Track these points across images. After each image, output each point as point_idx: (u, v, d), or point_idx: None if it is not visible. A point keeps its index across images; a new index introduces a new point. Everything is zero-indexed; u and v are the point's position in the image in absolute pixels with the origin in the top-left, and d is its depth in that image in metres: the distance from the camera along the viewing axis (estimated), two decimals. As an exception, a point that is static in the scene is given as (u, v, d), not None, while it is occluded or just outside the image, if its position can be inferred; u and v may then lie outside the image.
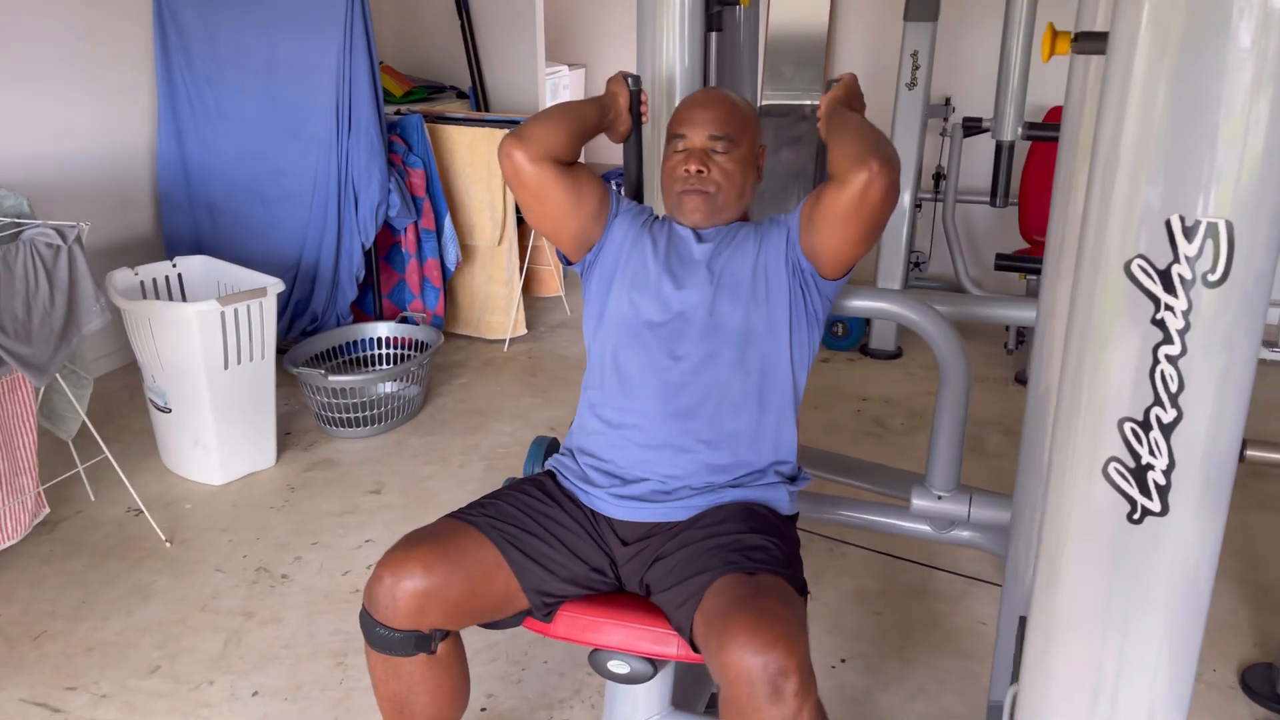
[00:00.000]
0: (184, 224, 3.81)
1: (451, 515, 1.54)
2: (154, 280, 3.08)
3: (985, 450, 3.16)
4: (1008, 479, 2.96)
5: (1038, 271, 3.36)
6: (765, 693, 1.23)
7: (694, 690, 1.80)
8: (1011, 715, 1.25)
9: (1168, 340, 0.83)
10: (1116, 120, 0.85)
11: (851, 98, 1.66)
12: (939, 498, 1.94)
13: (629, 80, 1.79)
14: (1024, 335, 3.93)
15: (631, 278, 1.65)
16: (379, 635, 1.44)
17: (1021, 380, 3.71)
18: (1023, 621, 1.39)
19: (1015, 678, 1.30)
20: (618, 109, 1.77)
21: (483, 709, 2.03)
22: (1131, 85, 0.83)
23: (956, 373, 1.84)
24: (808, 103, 4.76)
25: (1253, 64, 0.77)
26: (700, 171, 1.62)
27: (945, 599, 2.40)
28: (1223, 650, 2.19)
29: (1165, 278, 0.82)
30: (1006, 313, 3.15)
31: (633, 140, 1.86)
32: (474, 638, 1.93)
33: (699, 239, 1.67)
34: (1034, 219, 4.06)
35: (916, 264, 4.54)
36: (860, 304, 1.85)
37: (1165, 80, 0.81)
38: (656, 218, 1.74)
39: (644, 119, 1.84)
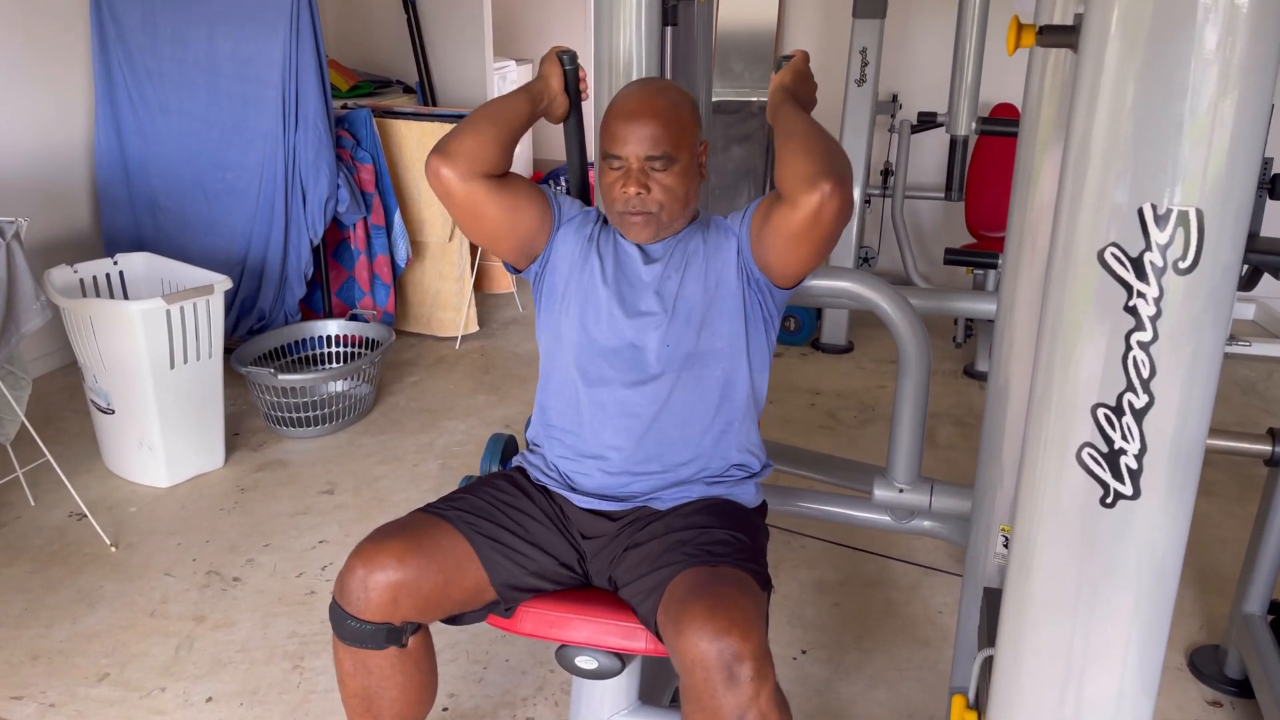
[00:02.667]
0: (124, 221, 3.71)
1: (422, 509, 1.53)
2: (94, 278, 2.99)
3: (937, 442, 3.21)
4: (960, 470, 3.01)
5: (987, 266, 3.43)
6: (721, 678, 1.24)
7: (659, 684, 1.80)
8: (979, 680, 1.26)
9: (1140, 327, 0.85)
10: (1088, 112, 0.86)
11: (800, 84, 1.58)
12: (900, 489, 1.96)
13: (563, 58, 1.66)
14: (972, 329, 4.00)
15: (583, 303, 1.59)
16: (350, 628, 1.42)
17: (970, 373, 3.78)
18: (988, 593, 1.41)
19: (984, 644, 1.32)
20: (551, 92, 1.65)
21: (445, 709, 2.00)
22: (1103, 78, 0.84)
23: (917, 357, 1.86)
24: (757, 99, 4.79)
25: (1220, 56, 0.79)
26: (640, 193, 1.51)
27: (902, 588, 2.43)
28: (1171, 633, 2.23)
29: (1138, 265, 0.84)
30: (965, 305, 3.20)
31: (573, 121, 1.74)
32: (435, 637, 1.91)
33: (647, 257, 1.60)
34: (981, 214, 4.13)
35: (865, 259, 4.58)
36: (825, 284, 1.85)
37: (1136, 72, 0.82)
38: (602, 223, 1.65)
39: (584, 95, 1.70)
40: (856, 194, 3.92)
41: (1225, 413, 3.43)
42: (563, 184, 6.35)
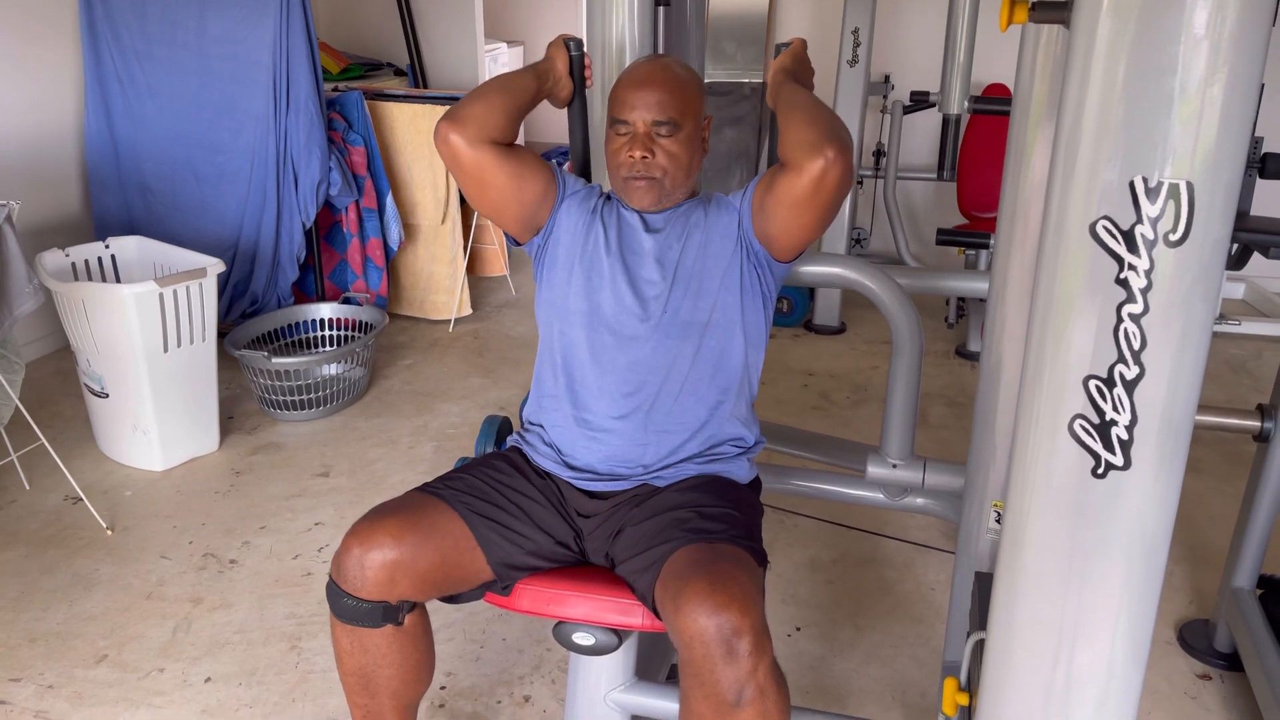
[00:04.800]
0: (114, 204, 3.69)
1: (418, 489, 1.54)
2: (85, 262, 2.98)
3: (929, 421, 3.22)
4: (952, 449, 3.03)
5: (979, 246, 3.44)
6: (720, 653, 1.26)
7: (656, 660, 1.82)
8: (971, 662, 1.29)
9: (1131, 299, 0.86)
10: (1080, 86, 0.87)
11: (799, 67, 1.63)
12: (894, 466, 1.98)
13: (569, 45, 1.71)
14: (964, 309, 4.01)
15: (586, 272, 1.61)
16: (347, 606, 1.43)
17: (962, 353, 3.79)
18: (979, 576, 1.43)
19: (975, 628, 1.34)
20: (556, 74, 1.70)
21: (442, 687, 2.02)
22: (1095, 52, 0.85)
23: (910, 338, 1.87)
24: (749, 81, 4.78)
25: (1211, 30, 0.80)
26: (645, 157, 1.56)
27: (894, 566, 2.45)
28: (1161, 607, 2.25)
29: (1129, 238, 0.85)
30: (957, 284, 3.21)
31: (577, 106, 1.78)
32: (432, 617, 1.93)
33: (648, 227, 1.62)
34: (973, 195, 4.13)
35: (858, 240, 4.60)
36: (816, 269, 1.86)
37: (1127, 47, 0.83)
38: (606, 197, 1.69)
39: (588, 82, 1.76)
40: (849, 175, 3.93)
41: (1215, 391, 3.46)
42: (554, 163, 6.34)
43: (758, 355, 1.64)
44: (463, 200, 3.97)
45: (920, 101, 3.83)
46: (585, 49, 1.75)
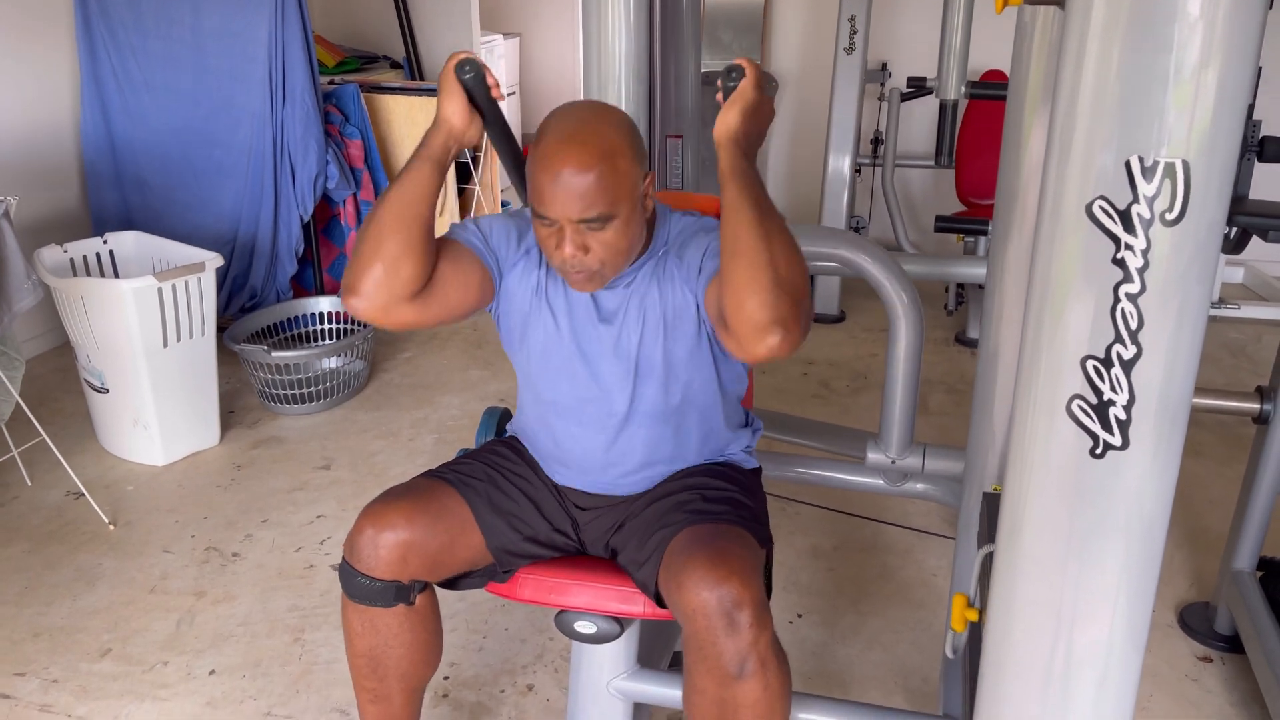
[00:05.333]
0: (112, 199, 3.69)
1: (425, 474, 1.56)
2: (84, 257, 2.98)
3: (929, 408, 3.23)
4: (952, 436, 3.03)
5: (978, 232, 3.44)
6: (722, 625, 1.28)
7: (658, 648, 1.82)
8: (980, 577, 1.26)
9: (1128, 279, 0.86)
10: (1076, 66, 0.87)
11: (752, 122, 1.31)
12: (893, 451, 1.98)
13: (459, 72, 1.37)
14: (963, 296, 4.01)
15: (544, 359, 1.50)
16: (360, 585, 1.44)
17: (962, 340, 3.79)
18: (987, 497, 1.40)
19: (984, 541, 1.31)
20: (455, 131, 1.39)
21: (445, 677, 2.02)
22: (1090, 31, 0.85)
23: (909, 319, 1.87)
24: (746, 70, 4.76)
25: (1206, 9, 0.80)
26: (577, 254, 1.34)
27: (896, 553, 2.45)
28: (1161, 591, 2.26)
29: (1125, 218, 0.85)
30: (956, 270, 3.21)
31: (494, 131, 1.49)
32: (434, 607, 1.94)
33: (600, 313, 1.46)
34: (971, 181, 4.13)
35: (856, 229, 4.59)
36: (816, 249, 1.86)
37: (1122, 25, 0.83)
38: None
39: (499, 98, 1.42)
40: (845, 164, 3.93)
41: (1215, 375, 3.46)
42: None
43: (740, 388, 1.58)
44: (460, 192, 3.97)
45: (917, 87, 3.82)
46: (479, 60, 1.39)
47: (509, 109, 6.35)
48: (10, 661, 2.07)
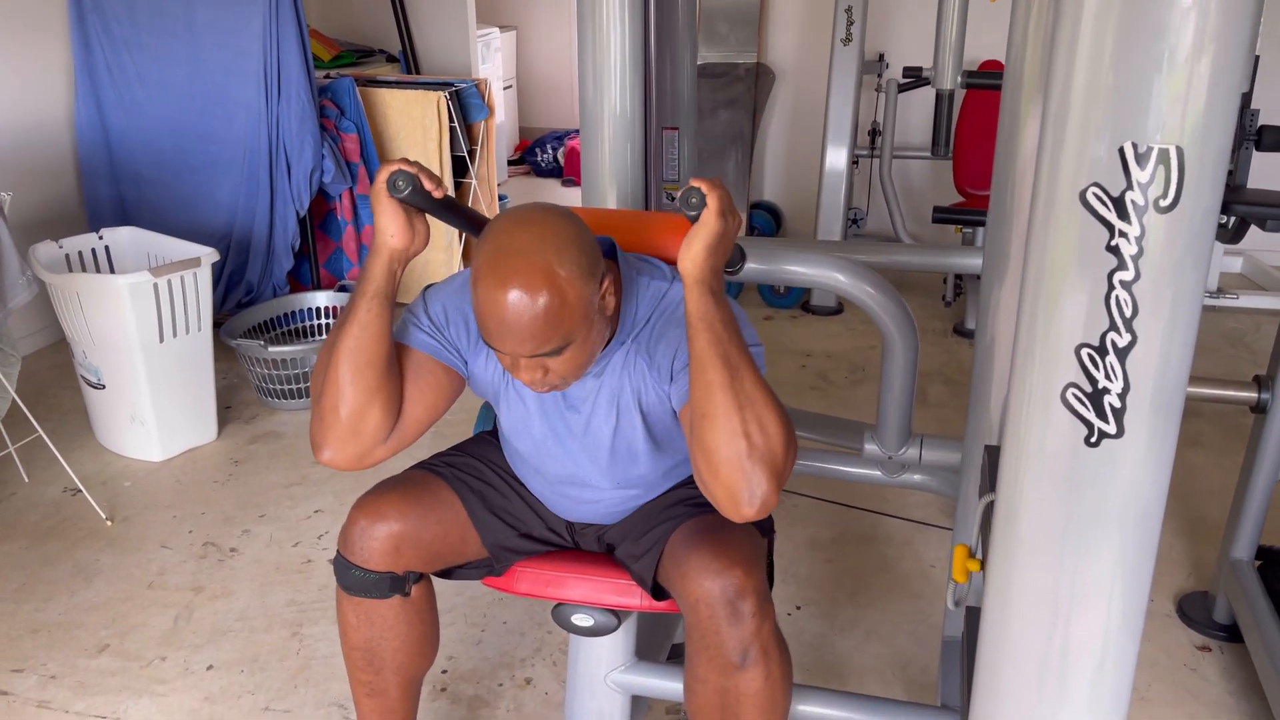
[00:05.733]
0: (107, 195, 3.68)
1: (417, 466, 1.56)
2: (79, 253, 2.97)
3: (928, 400, 3.22)
4: (951, 426, 3.03)
5: (976, 223, 3.44)
6: (724, 614, 1.28)
7: (655, 641, 1.82)
8: (981, 527, 1.25)
9: (1122, 266, 0.86)
10: (1069, 52, 0.86)
11: (718, 256, 1.21)
12: (891, 444, 1.98)
13: (394, 189, 1.25)
14: (961, 287, 4.01)
15: (516, 434, 1.47)
16: (354, 577, 1.44)
17: (960, 331, 3.79)
18: (989, 449, 1.40)
19: (985, 490, 1.30)
20: (400, 252, 1.30)
21: (444, 671, 2.02)
22: (1084, 16, 0.84)
23: (901, 325, 1.86)
24: (743, 62, 4.76)
25: (1200, -8, 0.79)
26: (535, 379, 1.29)
27: (894, 544, 2.45)
28: (1160, 580, 2.27)
29: (1119, 204, 0.84)
30: (953, 261, 3.20)
31: (449, 218, 1.42)
32: (432, 601, 1.94)
33: (569, 405, 1.42)
34: (969, 172, 4.12)
35: (854, 220, 4.58)
36: (803, 272, 1.85)
37: (1117, 10, 0.82)
38: None
39: (439, 195, 1.31)
40: (843, 156, 3.92)
41: (1213, 364, 3.45)
42: (548, 151, 6.31)
43: None
44: (458, 185, 3.96)
45: (914, 78, 3.81)
46: (410, 169, 1.27)
47: (507, 102, 6.33)
48: (8, 658, 2.07)
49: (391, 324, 1.32)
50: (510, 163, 6.34)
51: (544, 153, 6.32)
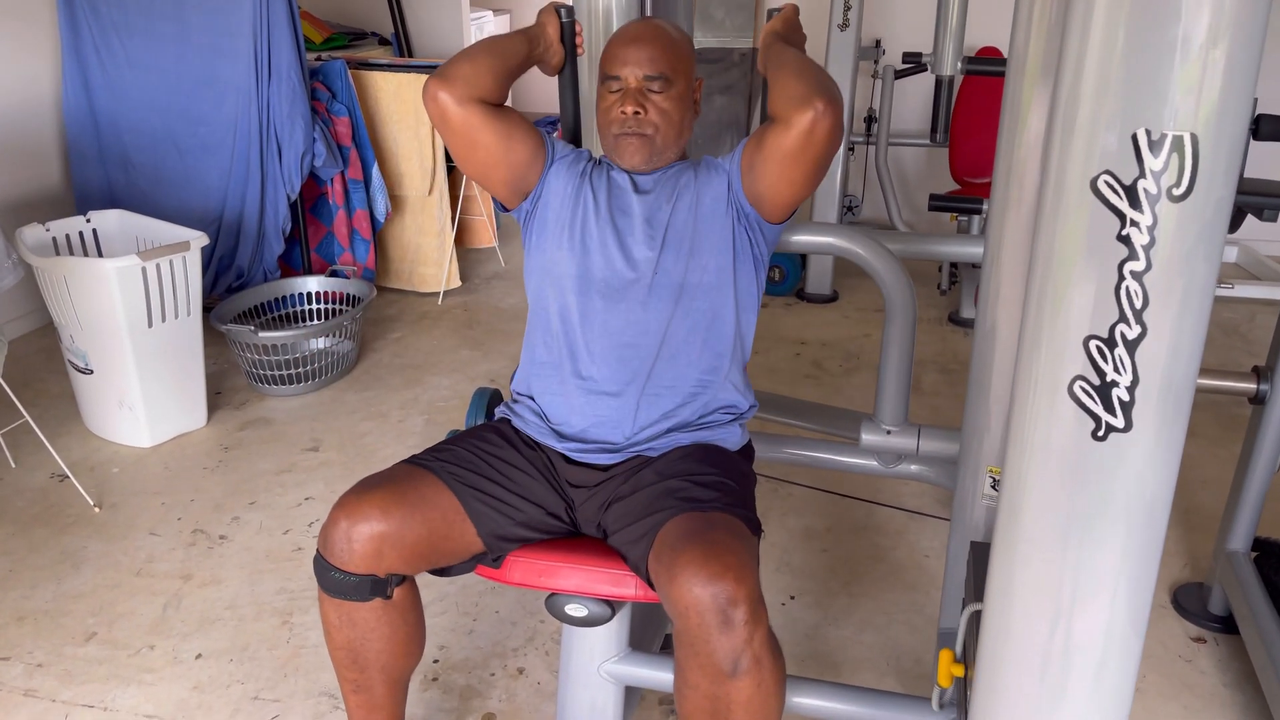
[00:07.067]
0: (95, 177, 3.63)
1: (406, 461, 1.52)
2: (66, 236, 2.93)
3: (922, 388, 3.21)
4: (945, 416, 3.02)
5: (972, 211, 3.42)
6: (715, 622, 1.24)
7: (649, 631, 1.81)
8: (966, 634, 1.27)
9: (1133, 256, 0.84)
10: (1081, 37, 0.84)
11: (790, 30, 1.63)
12: (888, 432, 1.96)
13: (560, 11, 1.69)
14: (956, 276, 3.99)
15: (575, 236, 1.59)
16: (334, 580, 1.41)
17: (955, 320, 3.77)
18: (975, 546, 1.42)
19: (971, 599, 1.32)
20: (547, 40, 1.68)
21: (435, 661, 2.01)
22: (1096, 1, 0.82)
23: (902, 305, 1.85)
24: (738, 47, 4.72)
25: (1217, -25, 0.77)
26: (637, 113, 1.55)
27: (888, 534, 2.44)
28: (1154, 572, 2.27)
29: (1131, 193, 0.82)
30: (950, 249, 3.18)
31: (568, 73, 1.77)
32: (424, 590, 1.91)
33: (637, 189, 1.61)
34: (965, 160, 4.10)
35: (850, 208, 4.56)
36: (806, 239, 1.84)
37: (1130, -7, 0.80)
38: (594, 161, 1.67)
39: (580, 51, 1.74)
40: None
41: (1209, 354, 3.44)
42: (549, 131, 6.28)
43: (750, 320, 1.63)
44: (450, 171, 3.92)
45: (913, 63, 3.78)
46: (576, 17, 1.73)
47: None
48: (-6, 646, 2.04)
49: (525, 65, 1.64)
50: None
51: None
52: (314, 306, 3.46)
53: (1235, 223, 2.02)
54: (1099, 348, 0.87)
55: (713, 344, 1.58)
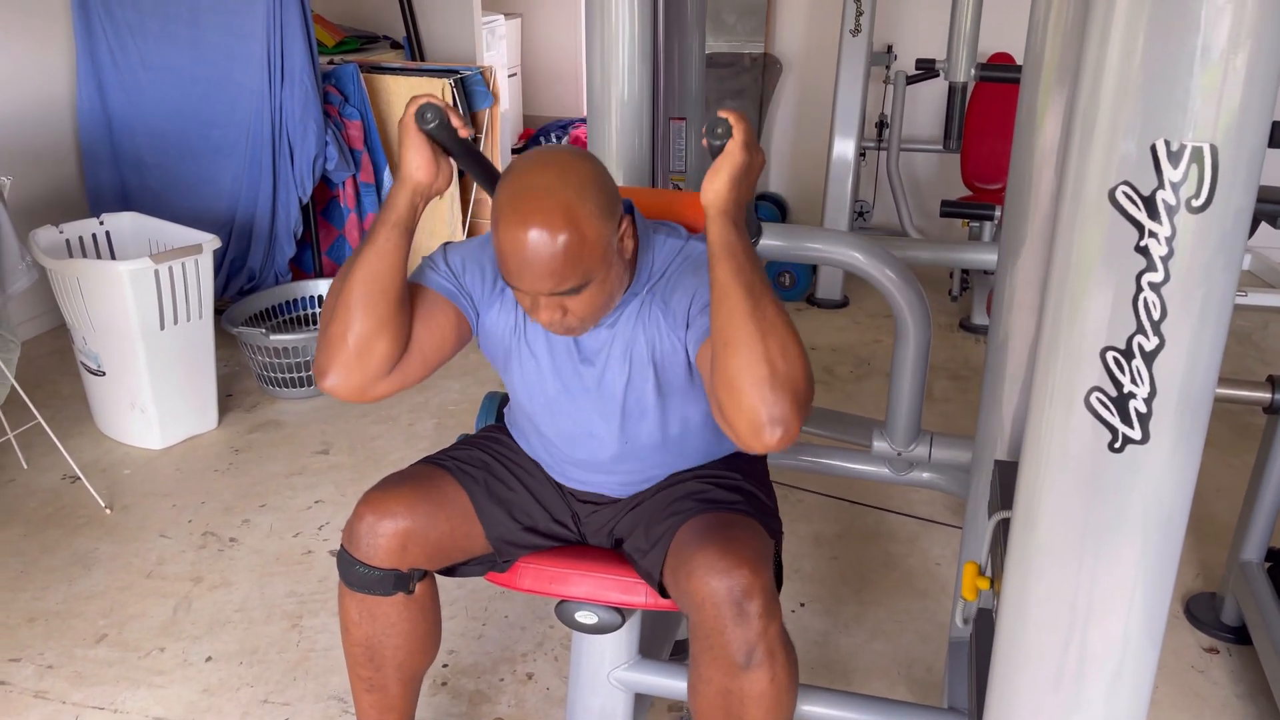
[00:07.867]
0: (109, 180, 3.65)
1: (425, 460, 1.54)
2: (80, 238, 2.95)
3: (933, 395, 3.20)
4: (956, 423, 3.01)
5: (984, 218, 3.41)
6: (731, 614, 1.25)
7: (659, 638, 1.80)
8: (993, 545, 1.23)
9: (1151, 267, 0.83)
10: (1100, 47, 0.83)
11: (742, 189, 1.21)
12: (900, 441, 1.95)
13: (422, 121, 1.28)
14: (968, 282, 3.98)
15: (528, 392, 1.46)
16: (358, 574, 1.42)
17: (967, 327, 3.76)
18: (999, 464, 1.39)
19: (997, 508, 1.28)
20: (421, 187, 1.32)
21: (444, 665, 2.01)
22: (1115, 10, 0.82)
23: (917, 325, 1.84)
24: (750, 52, 4.72)
25: (1237, -15, 0.76)
26: (554, 320, 1.31)
27: (900, 541, 2.43)
28: (1166, 582, 2.25)
29: (1149, 204, 0.82)
30: (962, 256, 3.17)
31: (470, 165, 1.43)
32: (433, 594, 1.92)
33: (582, 355, 1.41)
34: (976, 166, 4.09)
35: (861, 214, 4.55)
36: (820, 250, 1.83)
37: (1149, 3, 0.80)
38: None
39: (466, 134, 1.33)
40: (850, 149, 3.88)
41: (1222, 362, 3.43)
42: (553, 140, 6.28)
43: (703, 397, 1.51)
44: (461, 174, 3.93)
45: (926, 69, 3.77)
46: (439, 103, 1.29)
47: (511, 91, 6.30)
48: (5, 647, 2.05)
49: (408, 258, 1.32)
50: (514, 151, 6.30)
51: (548, 141, 6.28)
52: (325, 309, 3.46)
53: (1249, 230, 2.01)
54: (1116, 359, 0.86)
55: (705, 440, 1.49)
